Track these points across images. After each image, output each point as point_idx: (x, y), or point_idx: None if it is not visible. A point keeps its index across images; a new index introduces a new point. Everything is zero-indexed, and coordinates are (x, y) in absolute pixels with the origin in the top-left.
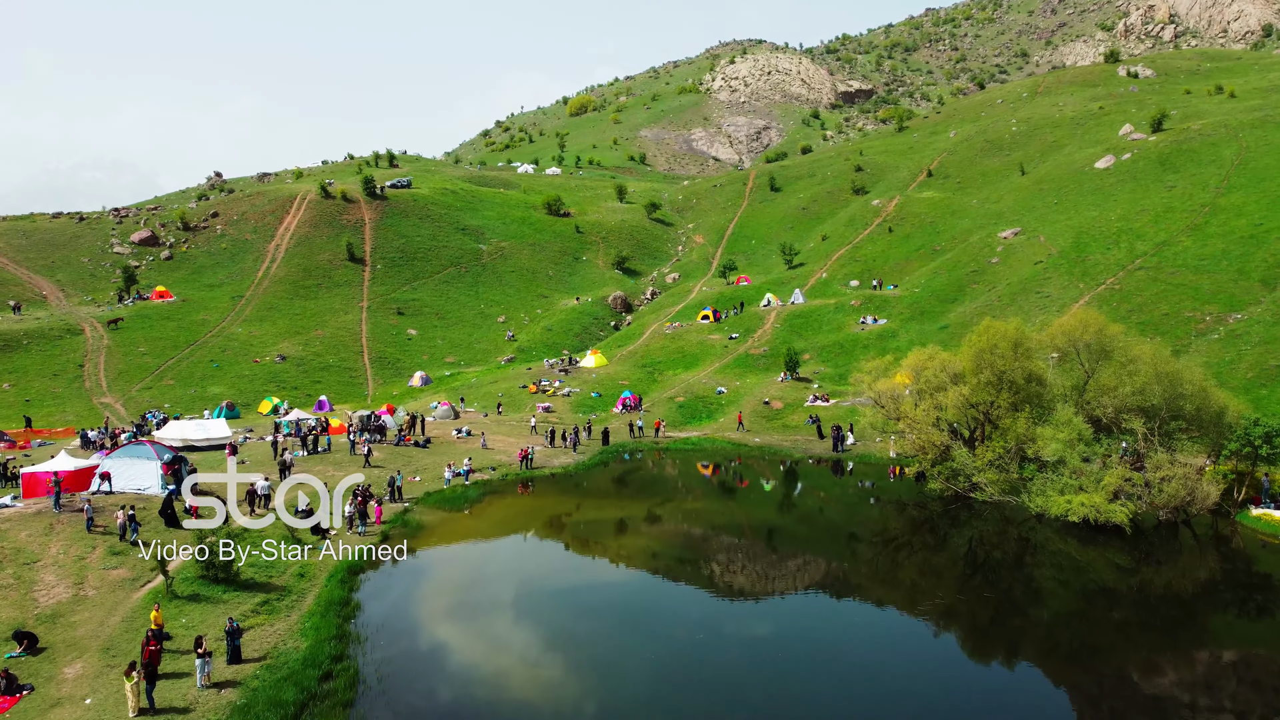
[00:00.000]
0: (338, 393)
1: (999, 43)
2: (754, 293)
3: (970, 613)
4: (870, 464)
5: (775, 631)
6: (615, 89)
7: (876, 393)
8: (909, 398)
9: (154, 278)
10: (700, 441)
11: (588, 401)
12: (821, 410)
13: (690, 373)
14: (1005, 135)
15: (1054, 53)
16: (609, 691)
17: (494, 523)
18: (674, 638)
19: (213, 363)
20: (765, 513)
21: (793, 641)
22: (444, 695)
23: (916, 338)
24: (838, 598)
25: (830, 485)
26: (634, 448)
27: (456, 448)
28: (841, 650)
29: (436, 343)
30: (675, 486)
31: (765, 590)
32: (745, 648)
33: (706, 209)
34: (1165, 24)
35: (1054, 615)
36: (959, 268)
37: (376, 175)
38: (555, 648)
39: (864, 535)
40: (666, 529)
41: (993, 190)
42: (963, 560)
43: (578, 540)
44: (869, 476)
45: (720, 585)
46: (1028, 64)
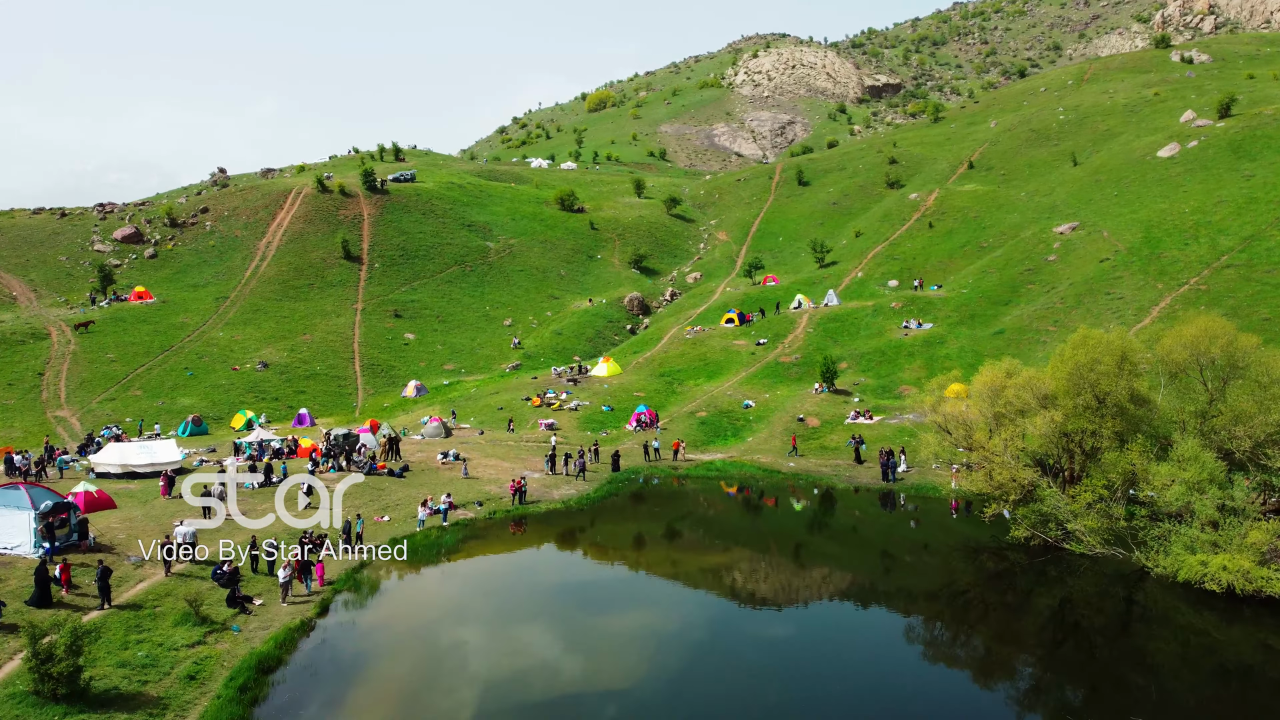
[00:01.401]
0: (323, 404)
1: (1030, 36)
2: (783, 293)
3: (1062, 687)
4: (927, 497)
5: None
6: (635, 84)
7: (942, 416)
8: (980, 422)
9: (135, 277)
10: (725, 466)
11: (597, 417)
12: (864, 429)
13: (713, 383)
14: (1052, 124)
15: (1087, 46)
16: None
17: (470, 583)
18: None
19: (187, 370)
20: (809, 553)
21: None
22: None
23: (968, 344)
24: (900, 661)
25: (881, 523)
26: (649, 473)
27: (440, 476)
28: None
29: (435, 348)
30: (696, 526)
31: (815, 652)
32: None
33: (730, 204)
34: (1205, 15)
35: (1171, 694)
36: (1011, 266)
37: (380, 169)
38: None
39: (927, 588)
40: (682, 593)
41: (1042, 182)
42: (1053, 624)
43: (572, 611)
44: (927, 513)
45: (760, 659)
46: (1060, 57)
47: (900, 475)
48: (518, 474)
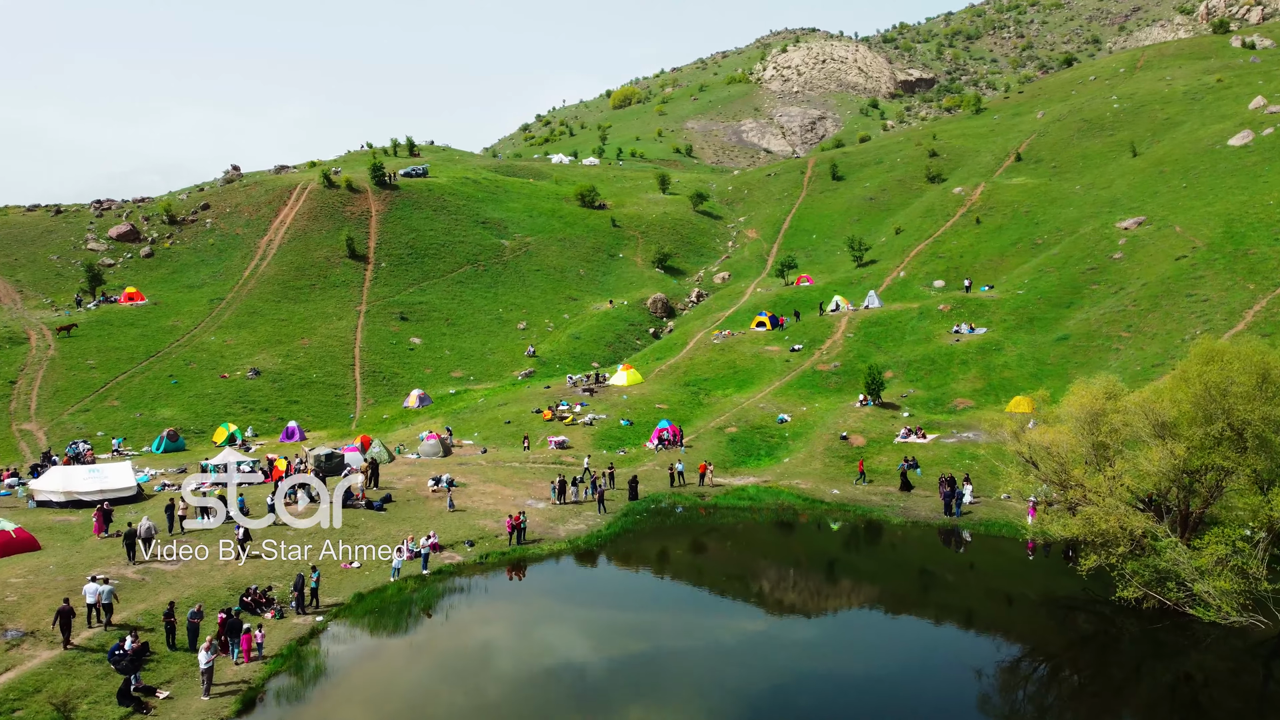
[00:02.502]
0: (317, 415)
1: (1068, 29)
2: (818, 295)
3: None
4: (999, 536)
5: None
6: (660, 81)
7: (1028, 447)
8: (1077, 454)
9: (128, 277)
10: (759, 493)
11: (614, 432)
12: (918, 450)
13: (744, 394)
14: (1106, 113)
15: (1128, 38)
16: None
17: (444, 664)
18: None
19: (171, 378)
20: (867, 602)
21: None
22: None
23: (1028, 351)
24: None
25: (950, 568)
26: (671, 500)
27: (429, 507)
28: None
29: (443, 354)
30: (726, 575)
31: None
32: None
33: (759, 200)
34: (1252, 5)
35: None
36: (1071, 264)
37: (392, 164)
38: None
39: (1009, 654)
40: (711, 668)
41: (1099, 174)
42: (1172, 706)
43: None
44: (1000, 556)
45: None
46: (1099, 51)
47: (965, 507)
48: (520, 502)
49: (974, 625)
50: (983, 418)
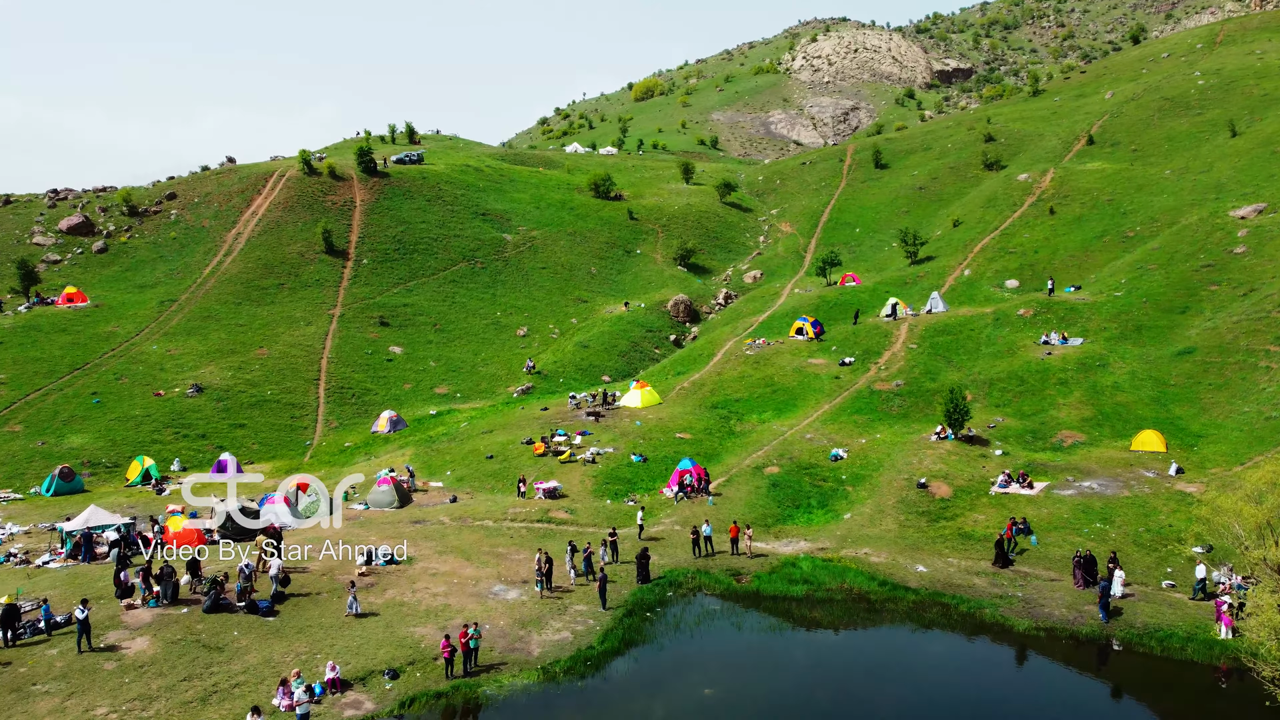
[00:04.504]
0: (265, 443)
1: (1110, 18)
2: (867, 296)
3: None
4: (1170, 651)
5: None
6: (684, 72)
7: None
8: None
9: (75, 276)
10: (815, 571)
11: (622, 473)
12: (1025, 507)
13: (785, 420)
14: (1189, 91)
15: (1175, 26)
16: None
17: None
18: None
19: (94, 396)
20: None
21: None
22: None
23: (1141, 369)
24: None
25: (1112, 712)
26: (695, 581)
27: (346, 605)
28: None
29: (428, 365)
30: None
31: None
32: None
33: (794, 191)
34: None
35: None
36: (1178, 261)
37: (386, 151)
38: None
39: None
40: None
41: (1191, 157)
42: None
43: None
44: (1180, 686)
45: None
46: (1145, 39)
47: (1115, 602)
48: (483, 591)
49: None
50: (1102, 458)
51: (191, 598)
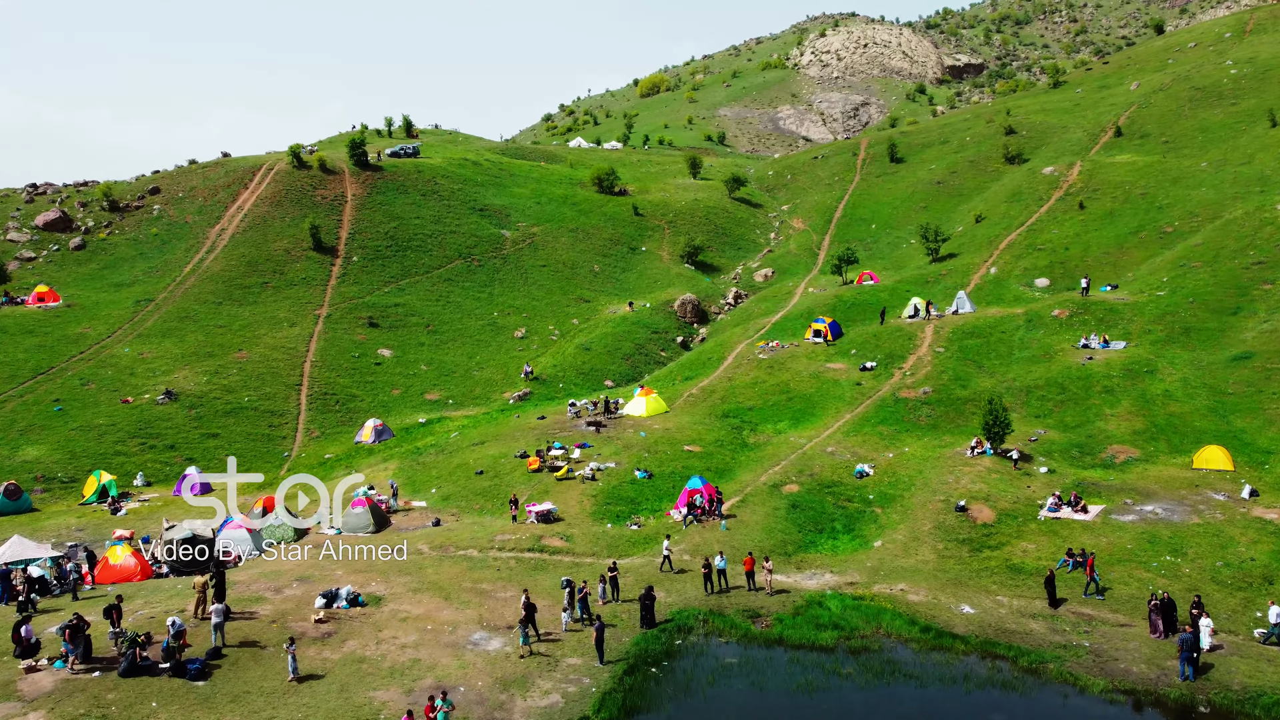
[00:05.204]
0: (240, 454)
1: (1124, 13)
2: (886, 295)
3: None
4: (1269, 716)
5: None
6: (691, 68)
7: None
8: None
9: (50, 274)
10: (845, 611)
11: (625, 491)
12: (1081, 534)
13: (803, 431)
14: (1222, 80)
15: (1190, 21)
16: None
17: None
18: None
19: (56, 404)
20: None
21: None
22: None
23: (1193, 375)
24: None
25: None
26: (707, 625)
27: (300, 658)
28: None
29: (419, 369)
30: None
31: None
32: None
33: (805, 186)
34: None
35: None
36: (1225, 257)
37: (381, 145)
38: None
39: None
40: None
41: (1229, 148)
42: None
43: None
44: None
45: None
46: (1167, 30)
47: (1202, 652)
48: (460, 640)
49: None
50: (1162, 477)
51: (110, 654)
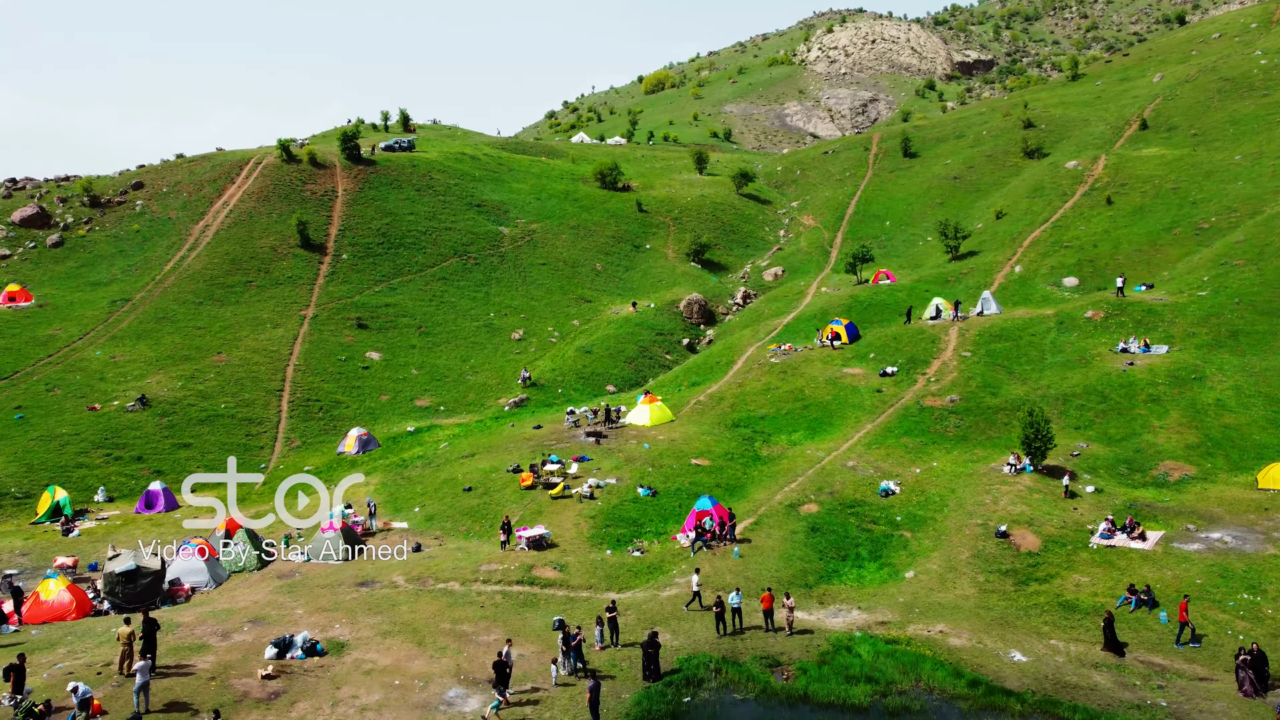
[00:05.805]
0: (214, 466)
1: (1135, 9)
2: (904, 295)
3: None
4: None
5: None
6: (696, 65)
7: None
8: None
9: (25, 272)
10: (876, 658)
11: (626, 511)
12: (1140, 566)
13: (820, 443)
14: (1251, 71)
15: (1203, 17)
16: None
17: None
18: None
19: (17, 411)
20: None
21: None
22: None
23: (1246, 382)
24: None
25: None
26: (720, 678)
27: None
28: None
29: (409, 374)
30: None
31: None
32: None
33: (815, 182)
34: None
35: None
36: (1271, 255)
37: (375, 139)
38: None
39: None
40: None
41: (1263, 140)
42: None
43: None
44: None
45: None
46: (1173, 31)
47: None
48: (432, 698)
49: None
50: (1224, 498)
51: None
